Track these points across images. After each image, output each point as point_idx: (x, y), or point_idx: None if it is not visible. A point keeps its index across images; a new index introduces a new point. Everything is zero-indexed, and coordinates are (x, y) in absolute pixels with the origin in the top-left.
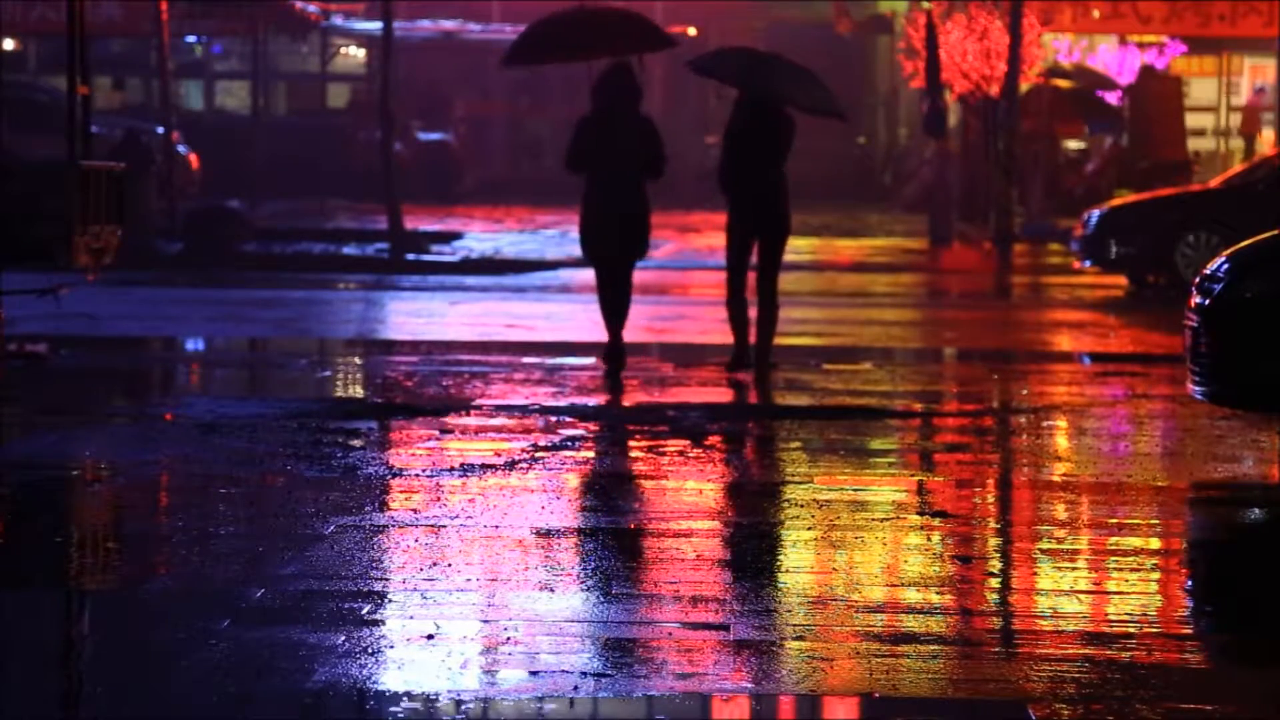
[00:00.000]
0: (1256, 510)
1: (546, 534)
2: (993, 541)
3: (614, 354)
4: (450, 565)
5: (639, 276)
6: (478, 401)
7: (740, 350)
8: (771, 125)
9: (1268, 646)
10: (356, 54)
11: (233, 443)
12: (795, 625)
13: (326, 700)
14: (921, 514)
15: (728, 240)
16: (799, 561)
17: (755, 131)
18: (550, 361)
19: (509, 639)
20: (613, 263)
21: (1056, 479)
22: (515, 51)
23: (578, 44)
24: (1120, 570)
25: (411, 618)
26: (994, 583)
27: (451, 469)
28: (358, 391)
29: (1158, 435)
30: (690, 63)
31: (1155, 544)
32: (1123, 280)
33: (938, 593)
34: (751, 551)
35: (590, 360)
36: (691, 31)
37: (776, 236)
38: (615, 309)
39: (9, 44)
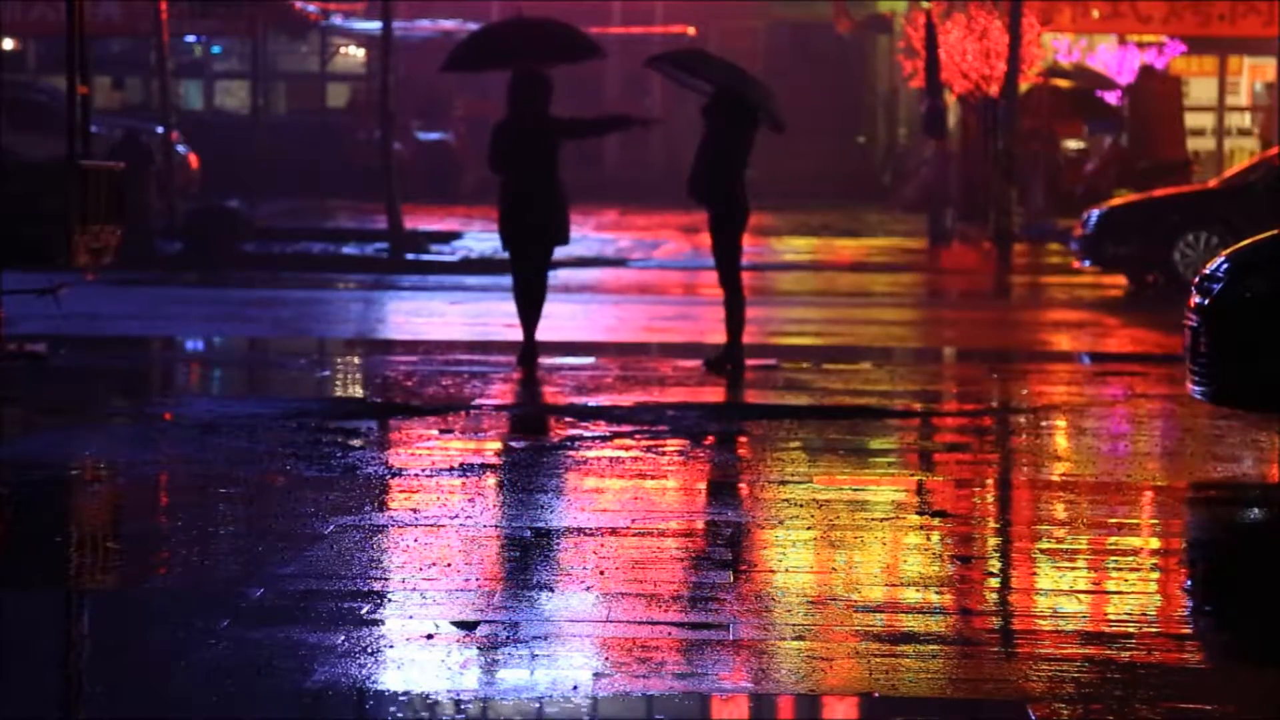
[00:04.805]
0: (1256, 510)
1: (546, 534)
2: (993, 541)
3: (528, 354)
4: (450, 565)
5: (643, 276)
6: (478, 401)
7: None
8: (752, 127)
9: (1268, 646)
10: (356, 54)
11: (233, 443)
12: (795, 625)
13: (326, 700)
14: (921, 514)
15: (736, 241)
16: (799, 561)
17: (743, 134)
18: (549, 361)
19: (509, 639)
20: (530, 258)
21: (1056, 479)
22: (455, 58)
23: (512, 52)
24: (1120, 570)
25: (411, 618)
26: (994, 583)
27: (451, 469)
28: (357, 391)
29: (1158, 435)
30: (661, 59)
31: (1155, 544)
32: (1122, 280)
33: (938, 593)
34: (751, 551)
35: (590, 360)
36: (691, 31)
37: None
38: (533, 304)
39: (9, 44)
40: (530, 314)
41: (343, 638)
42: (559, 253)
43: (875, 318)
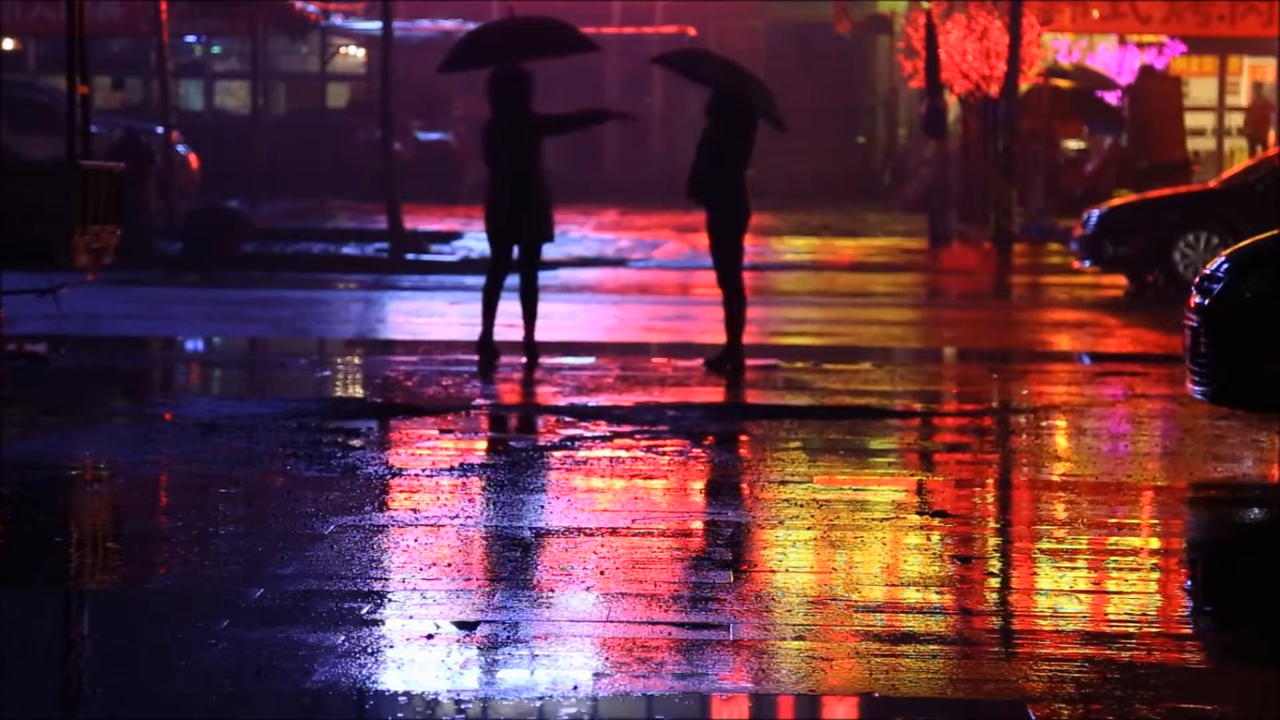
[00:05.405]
0: (1256, 510)
1: (546, 534)
2: (993, 541)
3: (484, 348)
4: (450, 565)
5: (642, 276)
6: (478, 401)
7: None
8: (752, 127)
9: (1268, 646)
10: (356, 54)
11: (233, 443)
12: (795, 625)
13: (326, 700)
14: (921, 514)
15: (737, 241)
16: (799, 561)
17: (743, 134)
18: (549, 361)
19: (509, 639)
20: (513, 251)
21: (1056, 479)
22: (449, 60)
23: (506, 49)
24: (1120, 570)
25: (411, 618)
26: (994, 583)
27: (451, 469)
28: (357, 391)
29: (1158, 435)
30: (664, 59)
31: (1155, 544)
32: (1122, 280)
33: (938, 593)
34: (751, 551)
35: (590, 360)
36: (691, 31)
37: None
38: (525, 302)
39: (9, 44)
40: (491, 305)
41: (343, 638)
42: (560, 253)
43: (875, 318)
